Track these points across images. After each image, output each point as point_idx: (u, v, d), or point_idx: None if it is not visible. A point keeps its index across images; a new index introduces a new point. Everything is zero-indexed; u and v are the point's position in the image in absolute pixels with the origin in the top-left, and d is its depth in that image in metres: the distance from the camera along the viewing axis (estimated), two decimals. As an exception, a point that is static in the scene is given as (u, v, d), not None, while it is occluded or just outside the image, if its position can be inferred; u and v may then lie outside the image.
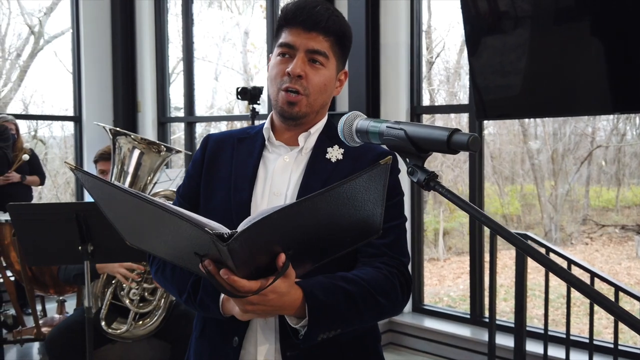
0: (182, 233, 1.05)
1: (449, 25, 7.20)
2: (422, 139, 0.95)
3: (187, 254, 1.10)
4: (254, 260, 1.06)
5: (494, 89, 3.45)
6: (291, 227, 1.04)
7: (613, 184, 8.25)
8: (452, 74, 8.45)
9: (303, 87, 1.37)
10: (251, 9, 7.50)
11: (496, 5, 3.39)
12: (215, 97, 7.90)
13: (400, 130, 0.98)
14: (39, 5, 7.16)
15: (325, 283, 1.24)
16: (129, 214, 1.10)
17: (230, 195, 1.39)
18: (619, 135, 7.77)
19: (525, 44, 3.33)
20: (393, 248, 1.36)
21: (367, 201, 1.05)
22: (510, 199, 8.80)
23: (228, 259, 1.02)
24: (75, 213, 2.31)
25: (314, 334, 1.20)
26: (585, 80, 3.12)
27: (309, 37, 1.36)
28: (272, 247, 1.07)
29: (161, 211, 1.00)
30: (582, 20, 3.09)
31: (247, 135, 1.49)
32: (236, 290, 1.09)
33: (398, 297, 1.33)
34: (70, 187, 8.64)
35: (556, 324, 6.24)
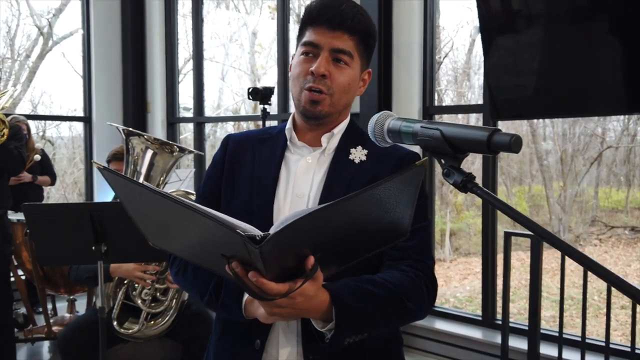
0: (210, 234, 1.03)
1: (458, 25, 7.18)
2: (459, 139, 0.92)
3: (213, 255, 1.09)
4: (283, 262, 1.04)
5: (506, 89, 3.42)
6: (322, 229, 1.02)
7: (623, 185, 8.20)
8: (460, 74, 8.43)
9: (327, 87, 1.35)
10: (259, 10, 7.50)
11: (509, 4, 3.36)
12: (222, 98, 7.90)
13: (435, 130, 0.95)
14: (48, 6, 7.17)
15: (352, 286, 1.22)
16: (155, 214, 1.08)
17: (253, 196, 1.38)
18: (629, 135, 7.73)
19: (539, 44, 3.30)
20: (418, 251, 1.34)
21: (398, 203, 1.03)
22: (518, 200, 8.76)
23: (258, 261, 1.01)
24: (90, 213, 2.31)
25: (340, 337, 1.18)
26: (600, 79, 3.09)
27: (334, 36, 1.34)
28: (301, 250, 1.05)
29: (190, 212, 0.99)
30: (597, 19, 3.05)
31: (269, 136, 1.47)
32: (264, 293, 1.07)
33: (424, 300, 1.31)
34: (77, 187, 8.66)
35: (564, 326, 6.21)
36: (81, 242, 2.34)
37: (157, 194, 1.01)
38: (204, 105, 5.89)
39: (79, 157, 8.94)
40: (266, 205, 1.36)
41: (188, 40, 6.21)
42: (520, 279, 6.81)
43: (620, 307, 6.55)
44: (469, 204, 8.81)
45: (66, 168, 8.57)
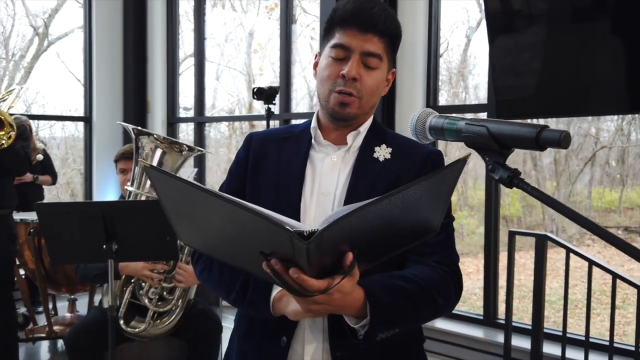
0: (252, 231, 1.03)
1: (453, 25, 7.20)
2: (506, 135, 0.93)
3: (249, 253, 1.09)
4: (324, 259, 1.05)
5: (506, 89, 3.44)
6: (363, 225, 1.03)
7: (616, 185, 8.25)
8: (454, 74, 8.45)
9: (357, 90, 1.36)
10: (256, 10, 7.49)
11: (509, 4, 3.38)
12: (217, 98, 7.89)
13: (482, 127, 0.97)
14: (44, 6, 7.14)
15: (385, 282, 1.23)
16: (195, 212, 1.08)
17: (279, 195, 1.39)
18: (623, 136, 7.78)
19: (541, 43, 3.31)
20: (445, 246, 1.37)
21: (436, 199, 1.05)
22: (512, 200, 8.80)
23: (302, 257, 1.01)
24: (102, 212, 2.31)
25: (374, 333, 1.19)
26: (601, 80, 3.11)
27: (365, 38, 1.35)
28: (341, 246, 1.06)
29: (237, 208, 0.99)
30: (599, 19, 3.07)
31: (291, 134, 1.48)
32: (304, 290, 1.07)
33: (452, 295, 1.33)
34: (70, 188, 8.62)
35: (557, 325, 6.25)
36: (92, 240, 2.34)
37: (204, 191, 1.01)
38: (204, 105, 5.89)
39: (71, 158, 8.90)
40: (293, 203, 1.37)
41: (183, 41, 6.20)
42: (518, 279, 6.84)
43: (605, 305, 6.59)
44: (462, 204, 8.84)
45: (59, 169, 8.50)
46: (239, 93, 8.17)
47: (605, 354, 3.06)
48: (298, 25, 5.74)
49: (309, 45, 6.83)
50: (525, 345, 3.34)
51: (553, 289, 7.36)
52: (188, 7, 6.10)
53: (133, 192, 2.73)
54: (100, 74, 5.89)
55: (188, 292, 2.86)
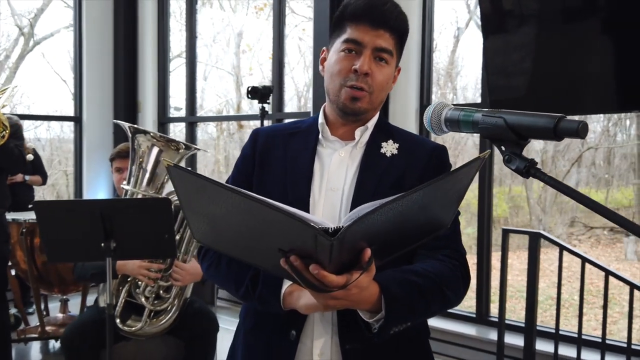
0: (274, 228, 1.04)
1: (442, 26, 7.24)
2: (524, 126, 0.95)
3: (267, 249, 1.10)
4: (343, 255, 1.06)
5: (498, 89, 3.47)
6: (382, 222, 1.04)
7: (602, 186, 8.33)
8: (442, 75, 8.50)
9: (368, 85, 1.37)
10: (245, 10, 7.48)
11: (500, 4, 3.41)
12: (205, 98, 7.87)
13: (499, 118, 0.98)
14: (29, 6, 7.09)
15: (399, 277, 1.25)
16: (215, 210, 1.08)
17: (288, 190, 1.39)
18: (609, 137, 7.86)
19: (532, 43, 3.35)
20: (453, 241, 1.38)
21: (453, 196, 1.07)
22: (499, 201, 8.86)
23: (325, 254, 1.02)
24: (101, 210, 2.30)
25: (388, 327, 1.21)
26: (592, 78, 3.14)
27: (377, 34, 1.36)
28: (360, 242, 1.07)
29: (259, 205, 1.00)
30: (590, 19, 3.11)
31: (298, 130, 1.49)
32: (324, 286, 1.08)
33: (461, 289, 1.35)
34: (55, 190, 8.56)
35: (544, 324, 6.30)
36: (90, 238, 2.34)
37: (228, 189, 1.01)
38: (196, 105, 5.88)
39: (57, 159, 8.83)
40: (302, 199, 1.37)
41: (171, 40, 6.18)
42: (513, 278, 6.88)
43: (600, 307, 6.65)
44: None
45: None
46: (227, 94, 8.16)
47: (597, 350, 3.10)
48: (286, 26, 5.75)
49: (297, 47, 6.85)
50: (517, 343, 3.38)
51: (541, 288, 7.41)
52: (176, 7, 6.09)
53: (130, 191, 2.72)
54: (91, 74, 5.86)
55: (184, 291, 2.86)
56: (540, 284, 6.35)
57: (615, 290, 6.44)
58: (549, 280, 6.98)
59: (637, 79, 3.02)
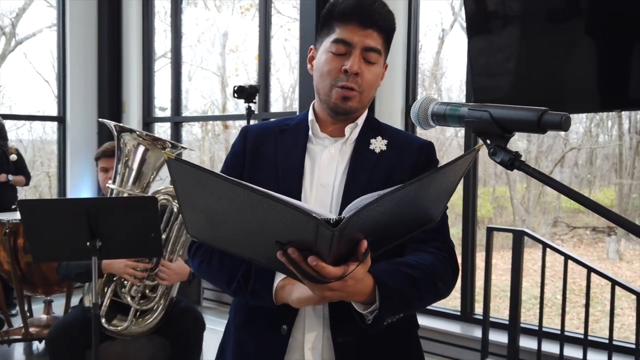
0: (273, 220, 1.04)
1: (427, 27, 7.28)
2: (509, 120, 0.97)
3: (263, 242, 1.10)
4: (342, 246, 1.07)
5: (482, 89, 3.50)
6: (379, 214, 1.05)
7: (585, 186, 8.41)
8: (427, 77, 8.53)
9: (358, 85, 1.38)
10: (230, 10, 7.46)
11: (484, 5, 3.44)
12: (189, 99, 7.84)
13: (484, 112, 1.00)
14: (11, 6, 7.02)
15: (392, 269, 1.27)
16: (213, 203, 1.08)
17: (279, 187, 1.39)
18: (591, 137, 7.94)
19: (515, 44, 3.39)
20: (442, 233, 1.41)
21: (444, 188, 1.09)
22: (482, 202, 8.91)
23: (325, 245, 1.03)
24: (86, 209, 2.30)
25: (382, 319, 1.22)
26: (574, 79, 3.18)
27: (365, 34, 1.37)
28: (357, 234, 1.08)
29: (261, 197, 1.00)
30: (573, 20, 3.15)
31: (288, 127, 1.50)
32: (322, 277, 1.10)
33: (450, 280, 1.38)
34: (38, 191, 8.48)
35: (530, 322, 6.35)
36: (76, 237, 2.33)
37: (225, 180, 1.01)
38: (181, 105, 5.86)
39: (39, 161, 8.75)
40: (293, 195, 1.36)
41: (156, 40, 6.16)
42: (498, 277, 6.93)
43: (582, 306, 6.72)
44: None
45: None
46: (212, 94, 8.13)
47: (579, 346, 3.14)
48: (272, 27, 5.75)
49: (282, 47, 6.85)
50: (501, 340, 3.41)
51: (525, 288, 7.47)
52: (160, 7, 6.07)
53: (115, 190, 2.71)
54: (74, 74, 5.82)
55: (171, 290, 2.85)
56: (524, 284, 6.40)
57: (597, 289, 6.50)
58: (532, 280, 7.03)
59: (618, 80, 3.07)
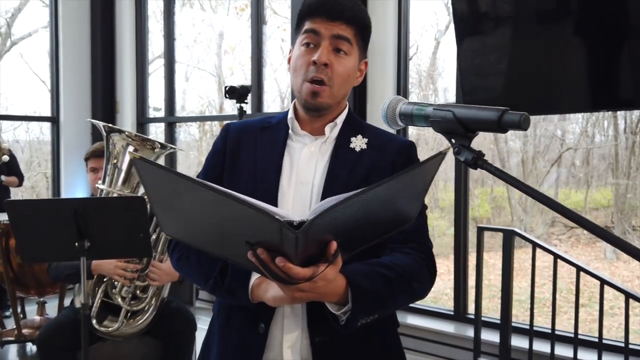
0: (241, 220, 1.05)
1: (423, 28, 7.28)
2: (471, 119, 0.98)
3: (234, 242, 1.11)
4: (309, 248, 1.07)
5: (474, 90, 3.51)
6: (347, 215, 1.06)
7: (582, 186, 8.41)
8: (424, 77, 8.54)
9: (328, 77, 1.38)
10: (226, 10, 7.47)
11: (476, 7, 3.45)
12: (187, 99, 7.85)
13: (448, 112, 1.01)
14: (6, 6, 7.02)
15: (365, 270, 1.27)
16: (183, 203, 1.08)
17: (257, 184, 1.40)
18: (587, 137, 7.94)
19: (507, 45, 3.40)
20: (419, 234, 1.41)
21: (416, 190, 1.09)
22: (480, 202, 8.91)
23: (291, 246, 1.03)
24: (74, 209, 2.30)
25: (355, 319, 1.23)
26: (565, 79, 3.19)
27: (334, 25, 1.38)
28: (326, 236, 1.09)
29: (226, 199, 1.00)
30: (563, 21, 3.17)
31: (269, 125, 1.50)
32: (290, 278, 1.10)
33: (427, 281, 1.38)
34: (35, 192, 8.48)
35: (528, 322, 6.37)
36: (64, 238, 2.32)
37: (192, 181, 1.02)
38: (175, 106, 5.87)
39: (36, 161, 8.75)
40: (270, 192, 1.39)
41: (152, 41, 6.16)
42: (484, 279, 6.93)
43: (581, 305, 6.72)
44: (433, 206, 8.93)
45: (24, 172, 8.35)
46: (209, 95, 8.14)
47: (570, 345, 3.14)
48: (268, 27, 5.76)
49: (279, 47, 6.86)
50: (495, 339, 3.41)
51: (522, 288, 7.47)
52: (156, 7, 6.07)
53: (105, 190, 2.72)
54: (68, 74, 5.82)
55: (162, 291, 2.85)
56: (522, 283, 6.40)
57: (595, 288, 6.51)
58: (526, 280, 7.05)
59: (608, 80, 3.08)
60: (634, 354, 3.04)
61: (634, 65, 2.99)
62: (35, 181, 8.60)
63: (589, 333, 6.05)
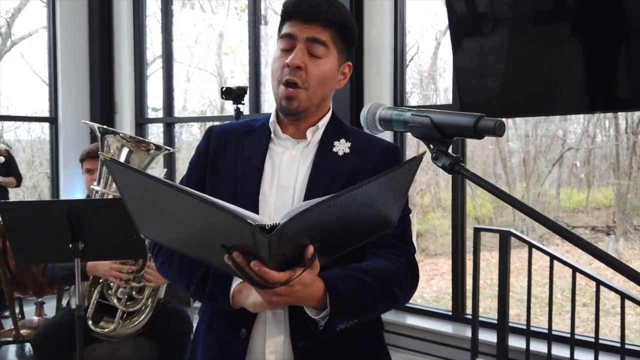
0: (214, 224, 1.04)
1: (423, 28, 7.28)
2: (448, 125, 0.98)
3: (211, 245, 1.10)
4: (285, 252, 1.07)
5: (472, 90, 3.50)
6: (323, 219, 1.05)
7: (583, 186, 8.40)
8: (425, 77, 8.54)
9: (302, 80, 1.36)
10: (226, 11, 7.48)
11: (474, 7, 3.44)
12: (188, 99, 7.86)
13: (425, 117, 1.01)
14: (7, 6, 7.03)
15: (345, 275, 1.26)
16: (156, 205, 1.08)
17: (238, 188, 1.39)
18: (589, 137, 7.94)
19: (504, 46, 3.39)
20: (401, 239, 1.39)
21: (394, 194, 1.09)
22: (483, 201, 8.90)
23: (264, 250, 1.03)
24: (67, 210, 2.30)
25: (334, 324, 1.22)
26: (563, 80, 3.18)
27: (309, 27, 1.35)
28: (302, 240, 1.08)
29: (197, 201, 1.00)
30: (560, 22, 3.16)
31: (252, 128, 1.49)
32: (266, 282, 1.09)
33: (409, 286, 1.37)
34: (37, 192, 8.50)
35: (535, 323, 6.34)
36: (58, 239, 2.33)
37: (163, 184, 1.02)
38: (173, 106, 5.87)
39: (38, 161, 8.77)
40: (252, 196, 1.38)
41: (152, 41, 6.17)
42: (486, 279, 6.93)
43: (582, 305, 6.71)
44: (435, 206, 8.93)
45: (25, 172, 8.40)
46: (210, 95, 8.15)
47: (567, 346, 3.13)
48: (269, 27, 5.76)
49: (280, 48, 6.84)
50: (493, 340, 3.41)
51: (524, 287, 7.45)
52: (157, 8, 6.08)
53: (100, 192, 2.72)
54: (66, 74, 5.82)
55: (158, 292, 2.85)
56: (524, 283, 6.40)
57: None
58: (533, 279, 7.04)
59: (605, 81, 3.07)
60: (630, 354, 3.04)
61: (632, 66, 2.98)
62: (36, 181, 8.63)
63: (591, 333, 6.05)
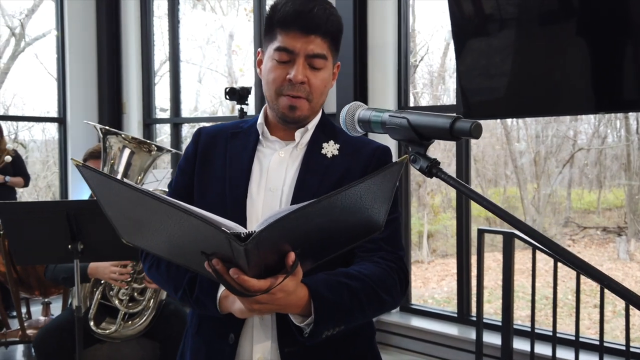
0: (191, 231, 1.03)
1: (433, 28, 7.25)
2: (425, 126, 0.96)
3: (192, 252, 1.09)
4: (264, 259, 1.05)
5: (479, 90, 3.48)
6: (303, 226, 1.04)
7: (594, 187, 8.33)
8: (435, 77, 8.50)
9: (306, 93, 1.36)
10: (236, 11, 7.49)
11: (481, 8, 3.42)
12: (199, 100, 7.88)
13: (403, 118, 0.99)
14: (20, 6, 7.08)
15: (329, 280, 1.24)
16: (132, 211, 1.07)
17: (226, 190, 1.38)
18: (599, 138, 7.86)
19: (511, 46, 3.37)
20: (390, 242, 1.37)
21: (377, 199, 1.07)
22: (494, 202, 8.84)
23: (242, 258, 1.01)
24: (66, 211, 2.30)
25: (319, 331, 1.20)
26: (569, 80, 3.17)
27: (308, 40, 1.33)
28: (282, 246, 1.06)
29: (172, 209, 0.99)
30: (566, 22, 3.13)
31: (240, 130, 1.47)
32: (246, 290, 1.08)
33: (397, 291, 1.34)
34: (51, 191, 8.55)
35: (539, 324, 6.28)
36: (57, 240, 2.33)
37: (137, 190, 1.00)
38: (180, 106, 5.88)
39: (52, 160, 8.83)
40: (239, 199, 1.36)
41: (164, 42, 6.19)
42: (497, 280, 6.89)
43: (594, 306, 6.66)
44: (446, 206, 8.88)
45: (39, 171, 8.47)
46: (221, 95, 8.15)
47: (571, 348, 3.10)
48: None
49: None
50: (498, 342, 3.38)
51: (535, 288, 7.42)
52: (166, 8, 6.10)
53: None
54: (74, 74, 5.86)
55: (159, 293, 2.85)
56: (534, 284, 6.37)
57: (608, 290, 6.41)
58: (544, 280, 6.98)
59: (612, 81, 3.04)
60: (635, 357, 3.00)
61: (639, 66, 2.95)
62: (50, 180, 8.68)
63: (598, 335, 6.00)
